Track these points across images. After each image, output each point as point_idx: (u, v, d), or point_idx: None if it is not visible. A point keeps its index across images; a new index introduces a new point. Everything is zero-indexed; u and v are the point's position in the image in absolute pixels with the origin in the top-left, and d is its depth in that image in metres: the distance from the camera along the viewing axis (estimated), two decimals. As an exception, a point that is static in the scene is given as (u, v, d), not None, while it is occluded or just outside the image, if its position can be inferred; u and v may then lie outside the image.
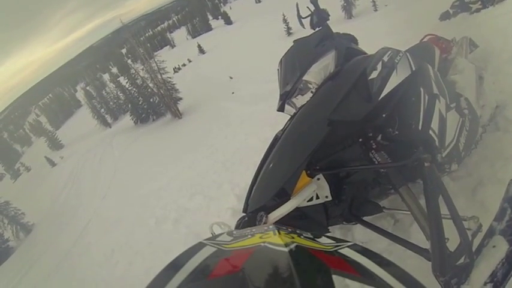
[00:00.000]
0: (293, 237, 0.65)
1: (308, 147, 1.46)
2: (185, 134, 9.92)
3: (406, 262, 1.76)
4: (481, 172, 2.09)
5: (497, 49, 3.06)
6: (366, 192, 1.96)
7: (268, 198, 1.45)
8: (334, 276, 0.47)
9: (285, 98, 1.84)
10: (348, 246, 0.61)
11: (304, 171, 1.57)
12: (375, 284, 0.48)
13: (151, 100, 18.70)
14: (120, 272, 3.64)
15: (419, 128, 1.65)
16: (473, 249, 1.41)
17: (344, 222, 2.01)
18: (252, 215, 1.43)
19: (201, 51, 34.35)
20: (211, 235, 1.45)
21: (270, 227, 0.77)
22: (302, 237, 0.68)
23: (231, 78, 14.40)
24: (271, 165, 1.55)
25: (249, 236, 0.69)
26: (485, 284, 1.32)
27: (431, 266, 1.31)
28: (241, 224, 1.40)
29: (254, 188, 1.58)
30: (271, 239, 0.62)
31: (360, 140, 1.63)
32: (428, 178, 1.38)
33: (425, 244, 1.39)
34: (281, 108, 1.88)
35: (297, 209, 1.58)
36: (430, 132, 1.69)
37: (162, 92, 16.84)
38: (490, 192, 1.90)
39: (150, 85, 18.13)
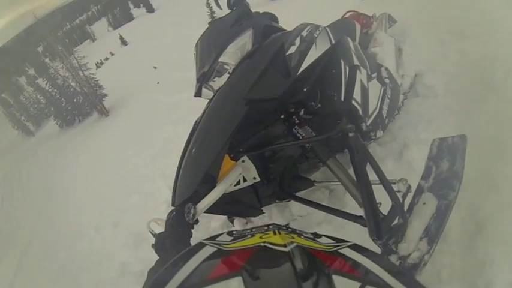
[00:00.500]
0: (293, 237, 0.65)
1: (227, 130, 1.39)
2: (113, 132, 9.35)
3: (346, 229, 1.82)
4: (406, 135, 2.27)
5: (415, 23, 3.39)
6: (294, 168, 1.97)
7: (193, 188, 1.37)
8: (334, 276, 0.48)
9: (201, 82, 1.74)
10: (348, 246, 0.61)
11: (227, 155, 1.52)
12: (375, 284, 0.49)
13: (75, 100, 17.18)
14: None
15: (342, 99, 1.68)
16: (406, 209, 1.51)
17: (277, 201, 2.02)
18: (180, 208, 1.35)
19: (124, 42, 32.50)
20: (150, 233, 1.42)
21: (270, 227, 0.76)
22: (302, 237, 0.69)
23: (155, 68, 13.70)
24: (192, 153, 1.47)
25: (249, 236, 0.69)
26: (421, 239, 1.43)
27: (368, 232, 1.38)
28: (171, 219, 1.31)
29: (179, 179, 1.49)
30: (271, 239, 0.63)
31: (282, 116, 1.60)
32: (354, 148, 1.40)
33: (360, 211, 1.43)
34: (198, 93, 1.79)
35: (227, 194, 1.55)
36: (353, 102, 1.72)
37: (85, 90, 15.52)
38: (415, 153, 2.06)
39: (72, 84, 16.62)
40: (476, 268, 1.43)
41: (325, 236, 0.75)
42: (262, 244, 0.60)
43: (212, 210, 1.49)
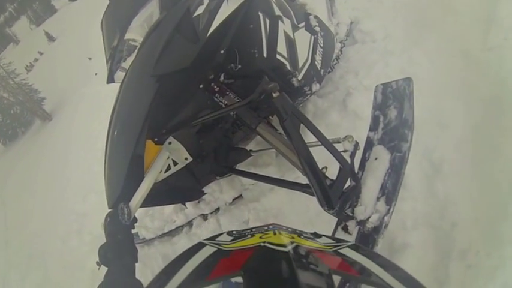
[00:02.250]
0: (293, 237, 0.65)
1: (141, 113, 1.24)
2: (60, 135, 8.80)
3: (297, 193, 1.82)
4: (347, 83, 2.20)
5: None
6: (228, 140, 1.84)
7: (120, 185, 1.24)
8: (334, 276, 0.48)
9: (111, 66, 1.59)
10: (347, 246, 0.60)
11: (151, 141, 1.37)
12: (375, 284, 0.49)
13: (12, 112, 15.57)
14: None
15: (264, 55, 1.51)
16: (357, 168, 1.40)
17: (218, 177, 1.89)
18: (114, 210, 1.23)
19: (51, 38, 29.46)
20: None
21: (270, 227, 0.76)
22: (302, 237, 0.69)
23: (90, 59, 12.75)
24: (111, 147, 1.34)
25: (249, 236, 0.69)
26: (378, 199, 1.32)
27: (318, 202, 1.24)
28: (107, 227, 1.20)
29: (106, 178, 1.37)
30: (271, 239, 0.63)
31: (201, 86, 1.44)
32: (281, 109, 1.20)
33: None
34: (110, 79, 1.63)
35: (160, 183, 1.42)
36: (278, 57, 1.56)
37: (20, 98, 14.31)
38: (359, 101, 2.01)
39: (5, 95, 15.07)
40: (439, 210, 1.45)
41: (325, 236, 0.75)
42: (262, 244, 0.60)
43: (149, 203, 1.37)
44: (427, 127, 1.64)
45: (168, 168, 1.44)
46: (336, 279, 0.51)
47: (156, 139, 1.38)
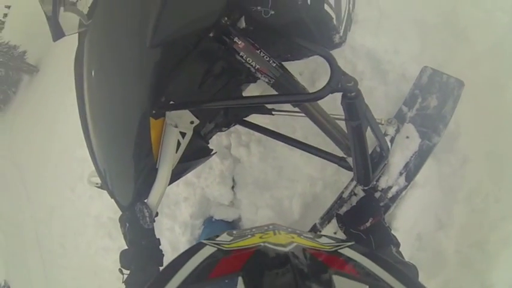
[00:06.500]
0: (293, 237, 0.65)
1: (142, 88, 0.93)
2: (51, 83, 8.03)
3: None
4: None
5: None
6: (240, 93, 1.54)
7: (131, 182, 1.07)
8: (334, 276, 0.47)
9: (55, 11, 0.98)
10: (348, 246, 0.60)
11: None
12: (375, 284, 0.48)
13: (-4, 75, 15.18)
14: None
15: (309, 2, 1.01)
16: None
17: (224, 129, 1.66)
18: (131, 213, 1.09)
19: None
20: (94, 185, 1.35)
21: (270, 226, 0.77)
22: (302, 237, 0.69)
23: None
24: (104, 133, 1.09)
25: (249, 236, 0.69)
26: (401, 173, 1.42)
27: (355, 179, 1.30)
28: (127, 233, 1.09)
29: (104, 174, 1.18)
30: (271, 239, 0.63)
31: (211, 34, 0.97)
32: (360, 111, 0.92)
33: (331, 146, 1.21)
34: (58, 33, 1.03)
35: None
36: (326, 7, 1.08)
37: (1, 59, 13.63)
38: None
39: (-17, 60, 14.47)
40: (449, 142, 1.44)
41: (325, 236, 0.74)
42: (262, 244, 0.59)
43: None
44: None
45: (178, 144, 1.17)
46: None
47: (154, 111, 1.03)
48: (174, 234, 2.06)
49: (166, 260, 1.99)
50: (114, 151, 1.10)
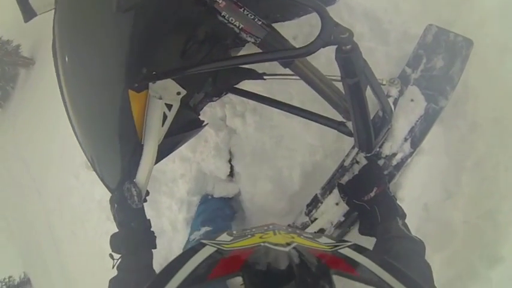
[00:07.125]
0: (293, 237, 0.65)
1: (118, 58, 0.85)
2: (49, 73, 8.13)
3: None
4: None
5: None
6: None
7: (117, 161, 1.03)
8: (334, 276, 0.48)
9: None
10: (348, 246, 0.60)
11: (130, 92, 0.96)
12: (375, 284, 0.49)
13: (-9, 72, 15.18)
14: None
15: None
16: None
17: (214, 99, 1.59)
18: (119, 193, 1.07)
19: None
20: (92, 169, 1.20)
21: (270, 226, 0.78)
22: (302, 237, 0.69)
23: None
24: (80, 113, 1.05)
25: (249, 236, 0.69)
26: (406, 139, 1.33)
27: (356, 146, 1.22)
28: (116, 215, 1.09)
29: (88, 153, 1.14)
30: (271, 239, 0.63)
31: None
32: (356, 67, 0.83)
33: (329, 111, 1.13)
34: (30, 14, 1.13)
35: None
36: None
37: (-6, 56, 13.61)
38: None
39: (-23, 57, 14.42)
40: (456, 105, 1.36)
41: (325, 236, 0.75)
42: (262, 244, 0.60)
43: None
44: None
45: (164, 117, 1.11)
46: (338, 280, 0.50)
47: (135, 85, 0.95)
48: (173, 213, 2.02)
49: (165, 241, 1.98)
50: (96, 132, 1.07)
